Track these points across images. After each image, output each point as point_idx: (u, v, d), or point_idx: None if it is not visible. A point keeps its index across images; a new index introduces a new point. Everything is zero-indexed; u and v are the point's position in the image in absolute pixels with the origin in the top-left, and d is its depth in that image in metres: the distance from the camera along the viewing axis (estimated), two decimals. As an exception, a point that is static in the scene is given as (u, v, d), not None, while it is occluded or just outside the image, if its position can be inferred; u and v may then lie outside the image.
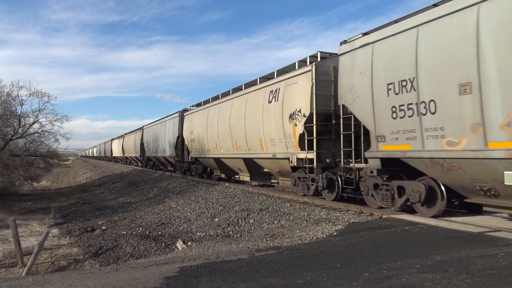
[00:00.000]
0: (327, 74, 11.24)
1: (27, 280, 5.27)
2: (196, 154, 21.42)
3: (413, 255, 5.43)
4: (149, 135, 33.78)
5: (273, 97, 13.31)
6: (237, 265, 5.43)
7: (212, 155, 19.03)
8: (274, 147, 13.39)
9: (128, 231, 12.12)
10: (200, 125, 20.31)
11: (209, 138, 19.05)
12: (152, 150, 32.76)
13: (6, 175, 28.56)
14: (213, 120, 18.59)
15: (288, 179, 13.69)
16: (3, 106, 26.92)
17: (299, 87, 11.85)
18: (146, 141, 35.09)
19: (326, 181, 11.28)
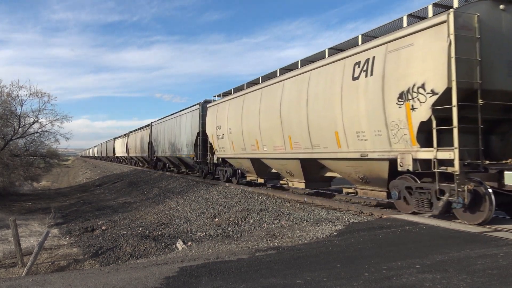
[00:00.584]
0: (469, 28, 7.53)
1: (27, 280, 5.27)
2: (225, 154, 17.64)
3: (413, 255, 5.43)
4: (160, 132, 29.83)
5: (362, 71, 9.41)
6: (237, 265, 5.43)
7: (249, 155, 15.31)
8: (362, 143, 9.50)
9: (128, 231, 12.12)
10: (231, 118, 16.45)
11: (245, 133, 15.25)
12: (163, 149, 28.86)
13: (6, 175, 28.56)
14: (251, 110, 14.74)
15: (376, 188, 10.03)
16: (3, 106, 26.93)
17: (419, 50, 7.99)
18: (156, 140, 31.12)
19: (470, 195, 7.39)
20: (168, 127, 27.51)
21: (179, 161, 26.14)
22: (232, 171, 18.22)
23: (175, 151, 25.45)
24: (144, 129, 37.59)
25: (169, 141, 27.02)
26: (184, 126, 23.44)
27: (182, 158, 24.81)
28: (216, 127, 18.12)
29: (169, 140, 27.03)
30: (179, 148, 24.51)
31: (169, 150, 27.04)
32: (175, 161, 27.44)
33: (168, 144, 27.30)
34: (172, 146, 26.19)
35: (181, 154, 24.47)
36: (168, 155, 27.74)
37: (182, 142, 23.86)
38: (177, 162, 27.15)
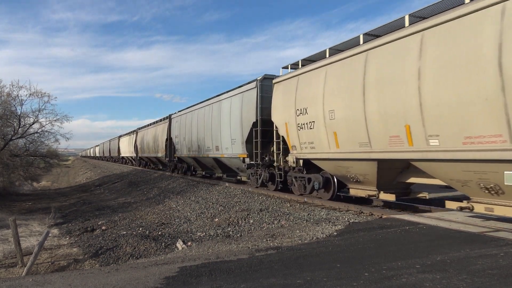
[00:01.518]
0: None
1: (27, 280, 5.27)
2: (313, 152, 11.62)
3: (413, 255, 5.43)
4: (184, 125, 23.61)
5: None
6: (237, 265, 5.43)
7: (383, 153, 9.09)
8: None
9: (128, 231, 12.12)
10: (335, 94, 10.35)
11: (373, 117, 9.11)
12: (188, 148, 22.66)
13: (6, 175, 28.57)
14: (397, 75, 8.41)
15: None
16: (3, 106, 26.93)
17: None
18: (178, 135, 24.84)
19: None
20: (198, 118, 21.11)
21: (217, 163, 19.43)
22: (324, 179, 11.80)
23: (210, 150, 19.21)
24: (159, 124, 30.90)
25: (199, 136, 20.74)
26: (228, 114, 17.08)
27: (222, 159, 18.19)
28: (295, 111, 12.01)
29: (199, 136, 20.74)
30: (218, 145, 18.14)
31: (199, 149, 20.73)
32: (208, 163, 20.99)
33: (198, 141, 20.98)
34: (204, 143, 20.00)
35: (221, 153, 17.82)
36: (196, 155, 21.40)
37: (223, 137, 17.42)
38: (212, 165, 20.51)
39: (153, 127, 33.35)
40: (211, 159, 19.48)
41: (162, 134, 29.30)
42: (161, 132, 30.01)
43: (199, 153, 20.83)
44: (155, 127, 32.46)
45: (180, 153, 24.67)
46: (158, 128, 31.42)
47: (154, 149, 32.40)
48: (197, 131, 21.07)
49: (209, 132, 19.23)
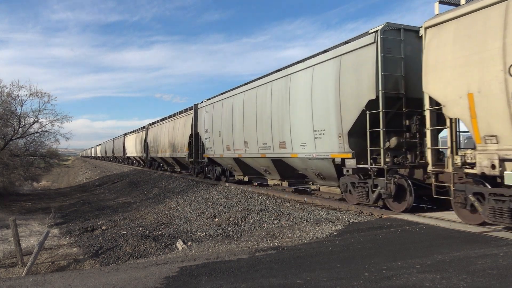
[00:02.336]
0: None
1: (27, 280, 5.27)
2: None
3: (413, 255, 5.43)
4: (218, 117, 17.98)
5: None
6: (237, 265, 5.43)
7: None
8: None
9: (128, 231, 12.12)
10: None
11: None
12: (227, 146, 17.00)
13: (6, 175, 28.57)
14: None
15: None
16: (3, 106, 26.93)
17: None
18: (208, 130, 19.27)
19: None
20: (245, 104, 15.22)
21: (276, 166, 13.96)
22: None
23: (268, 148, 13.70)
24: (179, 117, 25.17)
25: (247, 129, 15.12)
26: (306, 93, 11.52)
27: (292, 161, 12.71)
28: (504, 68, 6.58)
29: (247, 128, 15.13)
30: (285, 141, 12.65)
31: (247, 146, 15.26)
32: (260, 165, 15.19)
33: (243, 135, 15.37)
34: (256, 138, 14.42)
35: (291, 152, 12.42)
36: (241, 155, 15.76)
37: (296, 127, 12.06)
38: (266, 168, 14.82)
39: (170, 121, 27.33)
40: (268, 160, 13.88)
41: (184, 129, 23.71)
42: (181, 126, 24.36)
43: (246, 151, 15.34)
44: (173, 121, 26.53)
45: (213, 152, 18.89)
46: (178, 122, 25.28)
47: (171, 148, 26.47)
48: (243, 122, 15.34)
49: (266, 122, 13.49)
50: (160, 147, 30.02)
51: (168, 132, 27.53)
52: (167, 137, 27.62)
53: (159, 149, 30.20)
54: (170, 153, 27.04)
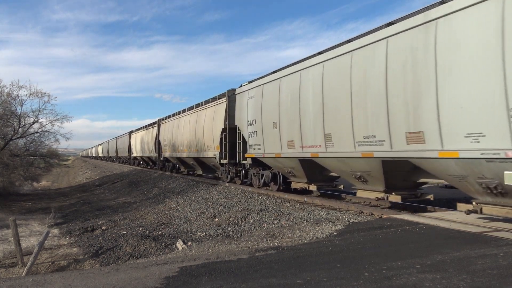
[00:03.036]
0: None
1: (27, 280, 5.27)
2: None
3: (413, 255, 5.43)
4: (262, 105, 13.92)
5: None
6: (237, 265, 5.43)
7: None
8: None
9: (128, 231, 12.13)
10: None
11: None
12: (270, 140, 13.54)
13: (6, 175, 28.57)
14: None
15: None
16: (3, 106, 26.94)
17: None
18: (250, 122, 14.86)
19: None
20: (355, 69, 9.66)
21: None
22: None
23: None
24: (206, 107, 20.56)
25: (369, 111, 9.26)
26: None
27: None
28: None
29: (369, 110, 9.26)
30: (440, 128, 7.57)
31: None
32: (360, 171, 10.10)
33: (366, 119, 9.36)
34: (395, 120, 8.60)
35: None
36: (361, 153, 9.51)
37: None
38: (402, 175, 9.49)
39: (192, 113, 22.64)
40: (375, 162, 9.34)
41: (213, 123, 18.82)
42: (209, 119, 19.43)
43: (327, 148, 10.64)
44: (196, 113, 21.74)
45: (262, 150, 14.12)
46: (203, 114, 20.51)
47: (193, 147, 21.86)
48: (321, 106, 10.73)
49: (375, 103, 9.02)
50: (177, 146, 25.16)
51: (189, 127, 22.59)
52: (187, 133, 22.85)
53: (176, 148, 25.34)
54: (191, 153, 22.24)
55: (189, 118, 23.11)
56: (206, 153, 19.99)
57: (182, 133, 24.03)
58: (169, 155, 27.58)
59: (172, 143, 26.22)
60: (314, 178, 12.58)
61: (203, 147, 20.39)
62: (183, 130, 23.97)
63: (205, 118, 20.18)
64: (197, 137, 21.12)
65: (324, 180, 12.58)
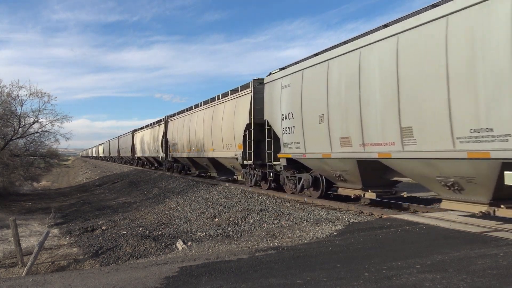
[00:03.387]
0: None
1: (27, 280, 5.27)
2: None
3: (413, 255, 5.43)
4: (301, 94, 11.55)
5: None
6: (237, 265, 5.43)
7: None
8: None
9: (128, 231, 12.12)
10: None
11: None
12: (313, 136, 11.21)
13: (6, 175, 28.59)
14: None
15: None
16: (3, 106, 26.96)
17: None
18: (285, 116, 12.56)
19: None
20: (454, 40, 7.07)
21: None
22: None
23: None
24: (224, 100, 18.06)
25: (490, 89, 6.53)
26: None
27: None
28: None
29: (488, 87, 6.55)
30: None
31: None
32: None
33: (487, 99, 6.54)
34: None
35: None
36: (467, 153, 6.89)
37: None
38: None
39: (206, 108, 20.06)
40: (493, 165, 6.70)
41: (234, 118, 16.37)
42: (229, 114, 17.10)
43: (405, 144, 8.25)
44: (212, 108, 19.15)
45: (302, 149, 11.82)
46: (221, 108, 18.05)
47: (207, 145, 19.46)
48: (396, 90, 8.37)
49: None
50: (187, 145, 22.48)
51: (203, 124, 19.91)
52: (201, 130, 20.20)
53: (186, 147, 22.67)
54: (206, 153, 19.73)
55: (203, 114, 20.28)
56: (224, 152, 17.55)
57: (195, 130, 21.17)
58: (178, 155, 24.78)
59: (182, 142, 23.55)
60: (371, 183, 10.21)
61: (221, 145, 17.83)
62: (195, 127, 21.15)
63: (223, 113, 17.62)
64: (214, 134, 18.54)
65: (382, 185, 10.26)
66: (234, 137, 16.40)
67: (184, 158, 24.19)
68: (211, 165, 20.76)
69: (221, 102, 18.31)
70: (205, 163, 21.24)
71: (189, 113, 23.04)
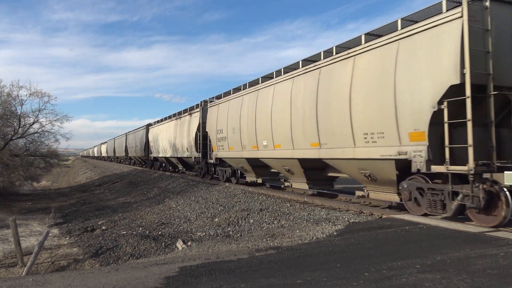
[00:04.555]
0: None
1: (27, 280, 5.27)
2: None
3: (413, 255, 5.43)
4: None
5: None
6: (237, 265, 5.43)
7: None
8: None
9: (128, 231, 12.12)
10: None
11: None
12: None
13: (6, 175, 28.58)
14: None
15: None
16: (3, 106, 26.95)
17: None
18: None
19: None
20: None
21: None
22: None
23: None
24: (310, 68, 11.40)
25: None
26: None
27: None
28: None
29: None
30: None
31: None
32: None
33: None
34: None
35: None
36: None
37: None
38: None
39: (275, 83, 13.40)
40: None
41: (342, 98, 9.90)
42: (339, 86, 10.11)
43: None
44: (291, 80, 12.44)
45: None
46: (305, 79, 11.68)
47: (286, 140, 12.60)
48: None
49: None
50: (252, 139, 14.73)
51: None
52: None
53: (250, 143, 14.99)
54: (289, 151, 12.46)
55: (267, 93, 13.81)
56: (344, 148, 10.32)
57: (261, 120, 14.02)
58: (226, 155, 17.34)
59: (248, 135, 15.06)
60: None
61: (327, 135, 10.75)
62: (264, 113, 13.83)
63: (331, 88, 10.50)
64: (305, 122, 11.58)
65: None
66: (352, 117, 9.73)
67: (242, 160, 16.06)
68: (300, 171, 12.62)
69: (305, 72, 11.75)
70: (286, 168, 13.32)
71: (241, 93, 15.89)
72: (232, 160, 17.23)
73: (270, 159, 14.17)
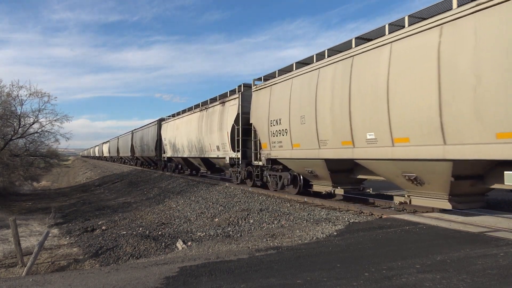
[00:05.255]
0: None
1: (27, 280, 5.27)
2: None
3: (413, 255, 5.43)
4: None
5: None
6: (237, 265, 5.43)
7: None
8: None
9: (128, 231, 12.12)
10: None
11: None
12: None
13: (6, 175, 28.58)
14: None
15: None
16: (3, 106, 26.95)
17: None
18: None
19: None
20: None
21: None
22: None
23: None
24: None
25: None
26: None
27: None
28: None
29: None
30: None
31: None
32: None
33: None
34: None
35: None
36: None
37: None
38: None
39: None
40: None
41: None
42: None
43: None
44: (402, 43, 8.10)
45: None
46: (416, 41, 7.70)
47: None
48: None
49: None
50: (345, 132, 9.92)
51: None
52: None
53: (346, 135, 9.95)
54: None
55: (364, 62, 9.41)
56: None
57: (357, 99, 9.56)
58: (286, 155, 12.83)
59: (332, 125, 10.49)
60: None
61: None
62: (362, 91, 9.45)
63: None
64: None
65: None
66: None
67: (314, 163, 11.59)
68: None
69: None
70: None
71: (312, 67, 11.50)
72: (296, 162, 12.46)
73: (380, 162, 9.05)
